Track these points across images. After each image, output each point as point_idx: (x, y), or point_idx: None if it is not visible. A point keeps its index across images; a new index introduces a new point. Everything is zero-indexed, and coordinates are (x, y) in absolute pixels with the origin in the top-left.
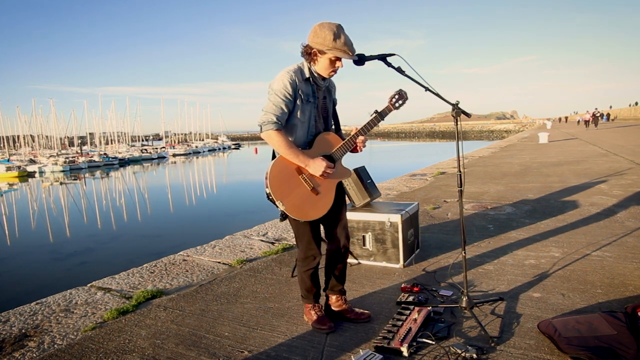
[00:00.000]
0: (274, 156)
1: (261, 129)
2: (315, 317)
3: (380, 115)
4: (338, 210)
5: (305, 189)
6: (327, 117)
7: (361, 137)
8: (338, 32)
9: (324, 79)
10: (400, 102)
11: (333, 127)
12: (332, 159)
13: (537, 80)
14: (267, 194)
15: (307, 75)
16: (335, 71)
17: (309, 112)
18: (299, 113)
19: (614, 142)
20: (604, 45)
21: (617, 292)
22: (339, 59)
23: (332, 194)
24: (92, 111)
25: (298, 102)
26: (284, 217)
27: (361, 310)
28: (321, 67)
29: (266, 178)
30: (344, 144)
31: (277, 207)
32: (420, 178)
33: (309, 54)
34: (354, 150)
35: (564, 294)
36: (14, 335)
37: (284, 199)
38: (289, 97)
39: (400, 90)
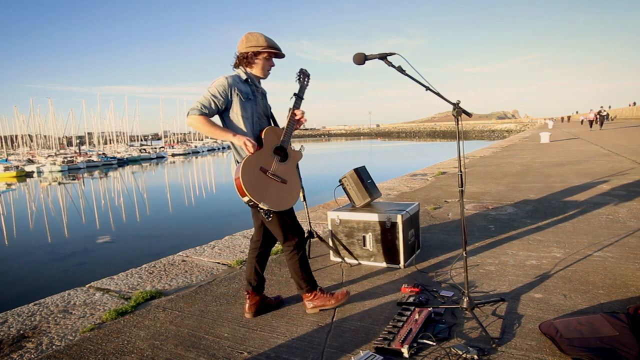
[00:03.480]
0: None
1: (188, 114)
2: (330, 293)
3: (299, 96)
4: None
5: (275, 183)
6: (268, 118)
7: (297, 112)
8: (266, 36)
9: (259, 82)
10: (306, 79)
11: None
12: (282, 148)
13: (538, 80)
14: (246, 201)
15: (244, 77)
16: (269, 70)
17: (251, 110)
18: (239, 109)
19: (616, 142)
20: (607, 44)
21: (619, 293)
22: (271, 57)
23: (297, 177)
24: (91, 111)
25: (236, 99)
26: (268, 214)
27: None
28: (258, 68)
29: (240, 187)
30: (286, 130)
31: (260, 209)
32: (421, 178)
33: (245, 58)
34: (299, 124)
35: (566, 295)
36: (12, 337)
37: (265, 199)
38: (219, 95)
39: (301, 69)
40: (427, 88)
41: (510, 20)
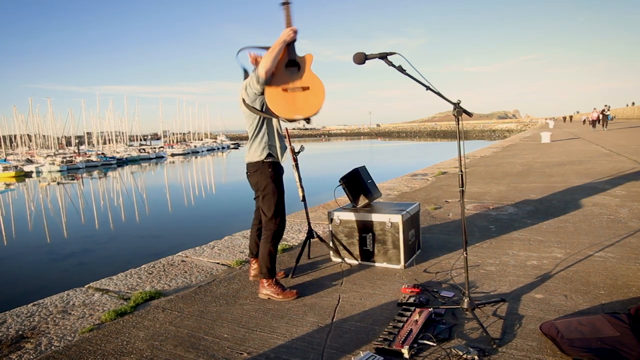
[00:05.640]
0: (253, 138)
1: (255, 71)
2: (282, 288)
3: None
4: None
5: (299, 94)
6: None
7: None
8: None
9: None
10: None
11: None
12: (293, 60)
13: (539, 80)
14: (287, 119)
15: None
16: None
17: None
18: None
19: (617, 142)
20: (607, 44)
21: (620, 294)
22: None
23: (316, 79)
24: (90, 110)
25: None
26: (308, 120)
27: None
28: None
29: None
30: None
31: (297, 121)
32: (422, 178)
33: None
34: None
35: (567, 295)
36: (11, 337)
37: (297, 112)
38: None
39: None
40: (428, 88)
41: (510, 20)
